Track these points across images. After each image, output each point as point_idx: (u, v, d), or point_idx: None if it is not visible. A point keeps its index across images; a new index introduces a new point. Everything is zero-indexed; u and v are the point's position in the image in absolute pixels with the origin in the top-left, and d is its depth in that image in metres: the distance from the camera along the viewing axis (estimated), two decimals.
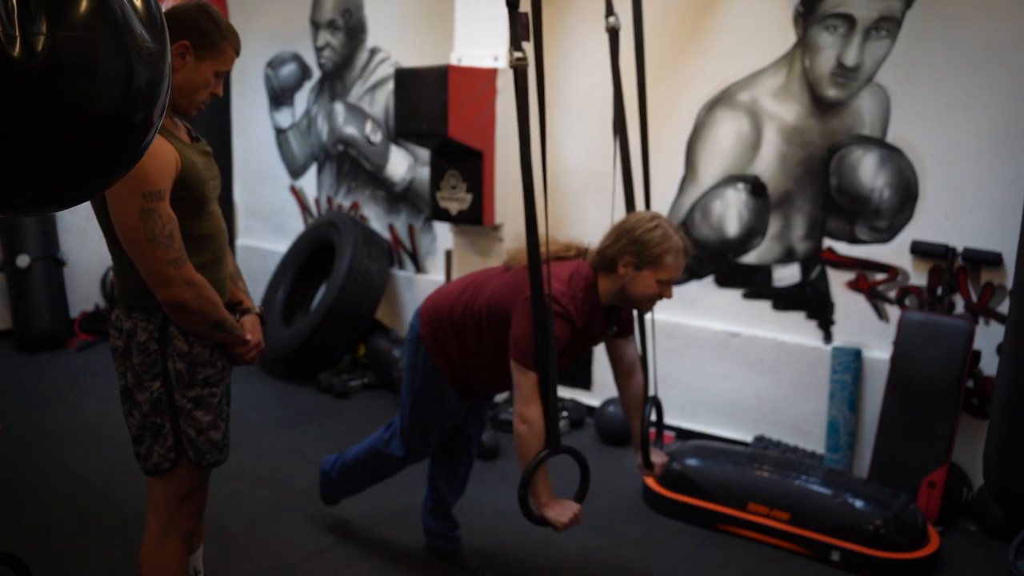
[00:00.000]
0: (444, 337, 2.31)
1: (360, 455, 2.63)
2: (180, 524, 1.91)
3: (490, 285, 2.24)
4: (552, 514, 2.04)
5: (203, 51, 1.76)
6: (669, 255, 2.08)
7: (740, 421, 3.62)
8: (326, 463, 2.77)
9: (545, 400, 2.03)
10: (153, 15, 1.01)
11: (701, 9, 3.56)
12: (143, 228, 1.65)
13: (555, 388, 2.03)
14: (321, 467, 2.79)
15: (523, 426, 2.04)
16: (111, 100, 0.97)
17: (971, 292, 3.07)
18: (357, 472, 2.66)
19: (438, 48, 4.25)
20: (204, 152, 1.88)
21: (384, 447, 2.54)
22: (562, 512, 2.04)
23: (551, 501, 2.06)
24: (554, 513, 2.04)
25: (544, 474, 2.05)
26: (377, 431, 2.62)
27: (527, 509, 2.03)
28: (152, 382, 1.80)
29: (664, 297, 2.15)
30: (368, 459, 2.61)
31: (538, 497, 2.05)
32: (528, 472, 1.99)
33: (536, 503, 2.05)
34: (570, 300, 2.08)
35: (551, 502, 2.06)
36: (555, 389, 2.03)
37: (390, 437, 2.53)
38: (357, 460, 2.64)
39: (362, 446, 2.64)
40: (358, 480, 2.70)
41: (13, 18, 0.87)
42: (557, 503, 2.06)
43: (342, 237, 4.52)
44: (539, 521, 2.06)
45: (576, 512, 2.05)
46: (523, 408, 2.04)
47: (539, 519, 2.06)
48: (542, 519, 2.05)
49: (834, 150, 3.30)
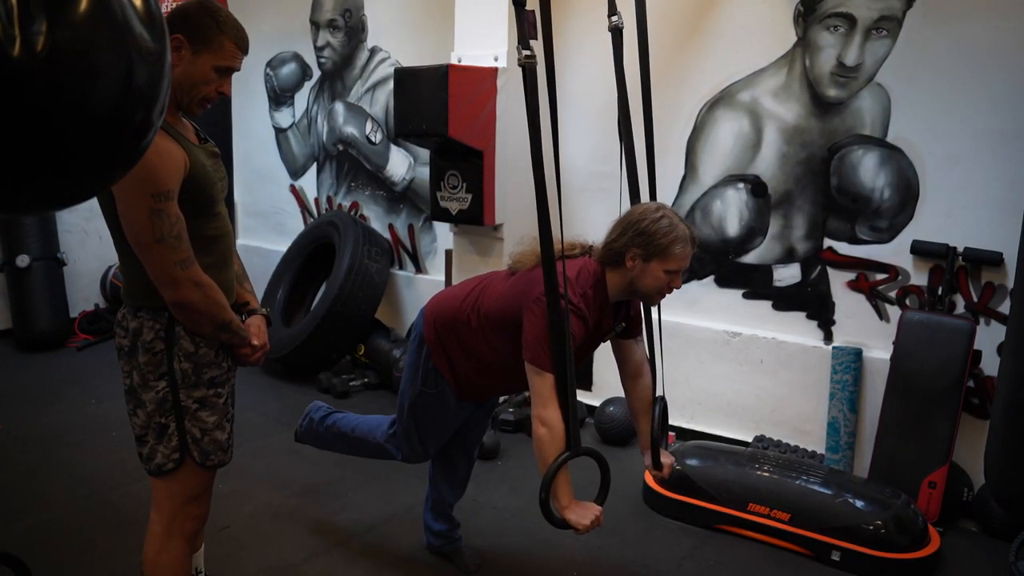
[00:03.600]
0: (447, 339, 2.29)
1: (357, 430, 2.58)
2: (184, 525, 1.90)
3: (497, 288, 2.22)
4: (574, 516, 2.01)
5: (199, 45, 1.73)
6: (677, 244, 2.05)
7: (740, 421, 3.62)
8: (316, 410, 2.72)
9: (564, 401, 2.00)
10: (153, 15, 1.01)
11: (701, 9, 3.56)
12: (152, 229, 1.65)
13: (574, 389, 2.00)
14: (308, 410, 2.74)
15: (543, 428, 2.01)
16: (111, 100, 0.96)
17: (972, 292, 3.07)
18: (347, 441, 2.62)
19: (438, 48, 4.25)
20: (212, 153, 1.87)
21: (384, 440, 2.51)
22: (583, 514, 2.02)
23: (572, 503, 2.03)
24: (575, 516, 2.01)
25: (565, 476, 2.02)
26: (385, 419, 2.56)
27: (548, 512, 2.01)
28: (158, 382, 1.80)
29: (673, 288, 2.13)
30: (363, 439, 2.57)
31: (559, 500, 2.02)
32: (549, 475, 1.97)
33: (557, 506, 2.02)
34: (581, 297, 2.06)
35: (572, 504, 2.03)
36: (574, 390, 2.00)
37: (391, 436, 2.51)
38: (353, 433, 2.59)
39: (361, 423, 2.60)
40: (344, 447, 2.67)
41: (13, 18, 0.86)
42: (578, 505, 2.04)
43: (342, 237, 4.52)
44: (560, 524, 2.03)
45: (598, 514, 2.03)
46: (541, 411, 2.01)
47: (560, 522, 2.03)
48: (563, 522, 2.03)
49: (834, 150, 3.30)
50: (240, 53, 1.80)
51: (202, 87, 1.77)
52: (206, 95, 1.79)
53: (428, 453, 2.50)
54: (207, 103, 1.81)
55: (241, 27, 1.81)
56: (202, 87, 1.77)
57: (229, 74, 1.80)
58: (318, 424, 2.70)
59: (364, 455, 2.65)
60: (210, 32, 1.74)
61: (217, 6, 1.78)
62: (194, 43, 1.72)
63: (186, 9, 1.73)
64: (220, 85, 1.80)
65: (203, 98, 1.80)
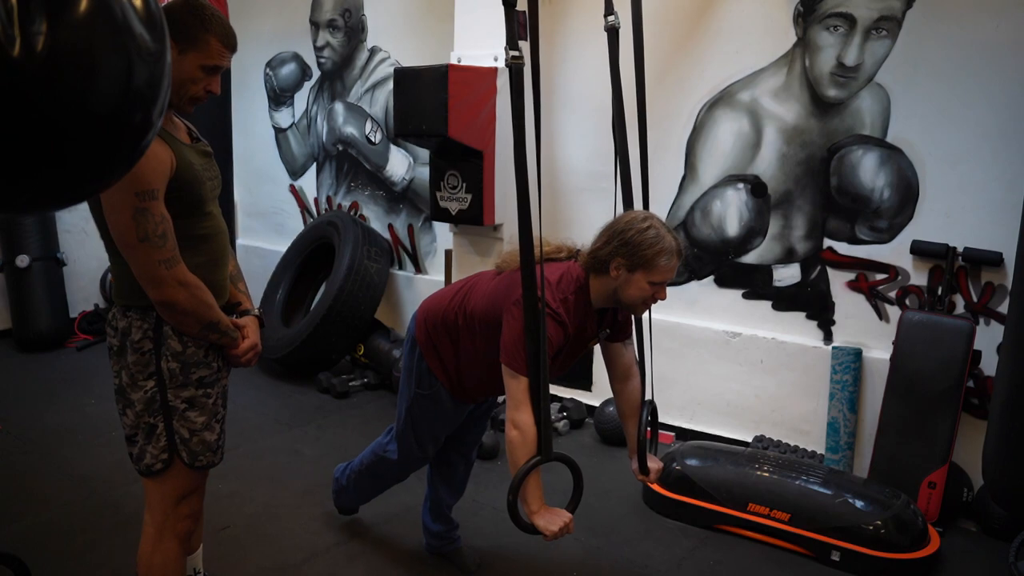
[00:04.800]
0: (439, 341, 2.30)
1: (364, 460, 2.64)
2: (176, 525, 1.90)
3: (481, 289, 2.22)
4: (542, 522, 1.99)
5: (183, 44, 1.70)
6: (662, 257, 2.03)
7: (740, 421, 3.62)
8: (338, 471, 2.78)
9: (536, 406, 1.98)
10: (153, 15, 1.01)
11: (701, 9, 3.56)
12: (136, 228, 1.64)
13: (547, 394, 1.98)
14: (334, 475, 2.80)
15: (514, 432, 2.00)
16: (111, 100, 0.97)
17: (971, 292, 3.07)
18: (365, 478, 2.66)
19: (438, 48, 4.25)
20: (203, 152, 1.86)
21: (383, 451, 2.54)
22: (552, 520, 1.99)
23: (541, 509, 2.01)
24: (544, 521, 1.99)
25: (535, 481, 2.00)
26: (379, 436, 2.62)
27: (516, 516, 1.99)
28: (146, 381, 1.80)
29: (657, 299, 2.11)
30: (372, 463, 2.61)
31: (528, 504, 2.00)
32: (518, 479, 1.95)
33: (526, 510, 2.01)
34: (561, 303, 2.05)
35: (541, 510, 2.01)
36: (547, 395, 1.98)
37: (388, 441, 2.54)
38: (362, 465, 2.64)
39: (365, 451, 2.65)
40: (366, 487, 2.71)
41: (13, 18, 0.86)
42: (548, 511, 2.01)
43: (342, 237, 4.52)
44: (529, 529, 2.02)
45: (567, 521, 2.00)
46: (514, 413, 2.01)
47: (529, 527, 2.01)
48: (531, 527, 2.01)
49: (834, 150, 3.30)
50: (227, 51, 1.78)
51: (190, 86, 1.75)
52: (195, 94, 1.77)
53: (426, 455, 2.50)
54: (197, 102, 1.80)
55: (228, 25, 1.78)
56: (190, 86, 1.75)
57: (217, 73, 1.78)
58: (341, 479, 2.75)
59: (385, 481, 2.67)
60: (195, 31, 1.72)
61: (203, 4, 1.75)
62: (180, 42, 1.69)
63: (171, 8, 1.71)
64: (208, 84, 1.78)
65: (192, 97, 1.78)
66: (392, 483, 2.68)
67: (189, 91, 1.76)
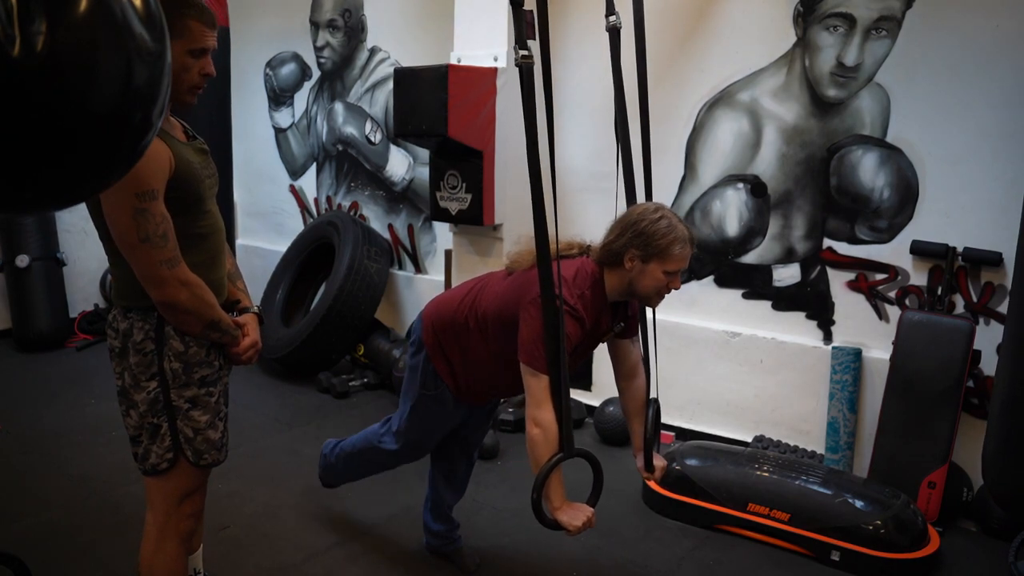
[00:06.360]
0: (446, 342, 2.30)
1: (357, 444, 2.64)
2: (178, 524, 1.90)
3: (494, 289, 2.22)
4: (565, 518, 2.02)
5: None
6: (676, 245, 2.04)
7: (740, 421, 3.62)
8: (327, 446, 2.79)
9: (558, 403, 2.01)
10: (153, 15, 1.01)
11: (701, 9, 3.56)
12: (136, 228, 1.64)
13: (568, 390, 2.00)
14: (322, 450, 2.81)
15: (536, 430, 2.01)
16: (111, 99, 0.97)
17: (971, 292, 3.07)
18: (354, 460, 2.67)
19: (438, 48, 4.25)
20: (200, 150, 1.86)
21: (378, 441, 2.54)
22: (575, 516, 2.02)
23: (564, 504, 2.04)
24: (567, 517, 2.02)
25: (558, 478, 2.03)
26: (375, 423, 2.62)
27: (540, 513, 2.02)
28: (149, 382, 1.80)
29: (672, 288, 2.12)
30: (363, 449, 2.61)
31: (551, 501, 2.03)
32: (541, 476, 1.98)
33: (549, 507, 2.04)
34: (578, 299, 2.06)
35: (564, 505, 2.04)
36: (568, 391, 2.00)
37: (384, 432, 2.54)
38: (354, 448, 2.65)
39: (359, 435, 2.65)
40: (354, 468, 2.71)
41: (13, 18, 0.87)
42: (570, 506, 2.04)
43: (342, 237, 4.52)
44: (552, 525, 2.05)
45: (589, 516, 2.04)
46: (535, 411, 2.02)
47: (552, 523, 2.04)
48: (555, 523, 2.04)
49: (834, 150, 3.30)
50: (208, 30, 1.75)
51: (183, 75, 1.72)
52: (191, 82, 1.75)
53: (424, 451, 2.53)
54: (197, 90, 1.77)
55: (202, 4, 1.74)
56: (183, 75, 1.72)
57: (205, 55, 1.76)
58: (329, 455, 2.75)
59: (374, 467, 2.68)
60: (173, 18, 1.67)
61: None
62: None
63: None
64: (201, 68, 1.75)
65: (191, 86, 1.75)
66: (381, 470, 2.70)
67: (185, 80, 1.73)
